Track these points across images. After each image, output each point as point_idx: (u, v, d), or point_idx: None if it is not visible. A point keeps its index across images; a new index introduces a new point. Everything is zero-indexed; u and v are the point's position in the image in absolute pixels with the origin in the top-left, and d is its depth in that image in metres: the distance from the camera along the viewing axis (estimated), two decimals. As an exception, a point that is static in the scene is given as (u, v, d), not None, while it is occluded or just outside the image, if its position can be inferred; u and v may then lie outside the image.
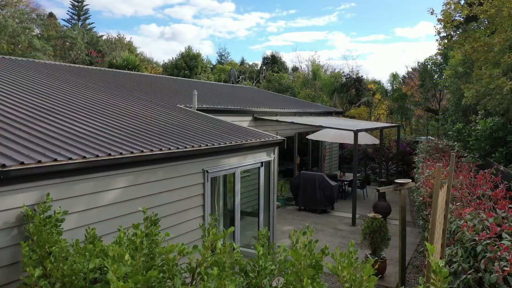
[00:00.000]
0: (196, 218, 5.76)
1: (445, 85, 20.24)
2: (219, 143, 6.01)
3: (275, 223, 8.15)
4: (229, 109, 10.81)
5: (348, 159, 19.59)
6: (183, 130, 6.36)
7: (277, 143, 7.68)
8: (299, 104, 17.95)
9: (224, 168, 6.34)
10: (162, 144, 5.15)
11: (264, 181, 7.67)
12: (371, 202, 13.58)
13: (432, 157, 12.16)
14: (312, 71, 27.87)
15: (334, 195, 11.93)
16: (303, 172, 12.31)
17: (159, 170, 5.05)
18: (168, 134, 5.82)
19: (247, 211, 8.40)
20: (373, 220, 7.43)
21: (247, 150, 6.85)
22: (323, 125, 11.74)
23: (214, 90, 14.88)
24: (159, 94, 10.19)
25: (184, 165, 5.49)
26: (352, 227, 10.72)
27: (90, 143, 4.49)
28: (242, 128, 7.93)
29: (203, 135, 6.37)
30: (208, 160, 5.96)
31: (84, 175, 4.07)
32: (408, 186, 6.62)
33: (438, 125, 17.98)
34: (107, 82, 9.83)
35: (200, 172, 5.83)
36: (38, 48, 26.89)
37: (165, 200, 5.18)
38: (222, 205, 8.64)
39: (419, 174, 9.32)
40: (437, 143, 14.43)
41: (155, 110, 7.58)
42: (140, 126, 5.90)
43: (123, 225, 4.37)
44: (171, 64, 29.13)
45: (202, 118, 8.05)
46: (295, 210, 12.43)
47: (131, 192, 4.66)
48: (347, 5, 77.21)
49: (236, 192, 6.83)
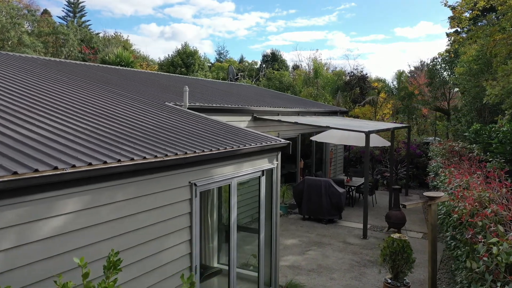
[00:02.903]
0: (180, 245, 4.59)
1: (455, 83, 19.09)
2: (211, 149, 4.85)
3: (278, 241, 6.99)
4: (226, 108, 9.65)
5: (354, 161, 18.43)
6: (167, 133, 5.19)
7: (280, 147, 6.52)
8: (301, 103, 16.79)
9: (217, 179, 5.18)
10: (136, 152, 3.99)
11: (265, 192, 6.51)
12: (382, 210, 12.44)
13: (450, 162, 11.00)
14: (314, 68, 26.70)
15: (342, 203, 10.78)
16: (308, 178, 11.15)
17: (129, 186, 3.89)
18: (146, 139, 4.65)
19: (246, 227, 7.25)
20: (395, 239, 6.26)
21: (245, 156, 5.69)
22: (329, 125, 10.58)
23: (209, 87, 13.71)
24: (147, 90, 9.02)
25: (165, 178, 4.33)
26: (363, 240, 9.55)
27: (33, 151, 3.32)
28: (239, 130, 6.76)
29: (192, 139, 5.21)
30: (197, 171, 4.80)
31: (13, 198, 2.90)
32: (441, 200, 5.46)
33: (450, 125, 16.80)
34: (85, 76, 8.65)
35: (187, 185, 4.67)
36: (28, 44, 25.70)
37: (138, 224, 4.02)
38: (216, 219, 7.49)
39: (443, 183, 8.15)
40: (451, 145, 13.28)
41: (136, 109, 6.40)
42: (112, 129, 4.74)
43: (66, 267, 3.24)
44: (166, 61, 27.93)
45: (192, 118, 6.89)
46: (298, 219, 11.28)
47: (86, 218, 3.50)
48: (347, 5, 76.46)
49: (232, 206, 5.67)
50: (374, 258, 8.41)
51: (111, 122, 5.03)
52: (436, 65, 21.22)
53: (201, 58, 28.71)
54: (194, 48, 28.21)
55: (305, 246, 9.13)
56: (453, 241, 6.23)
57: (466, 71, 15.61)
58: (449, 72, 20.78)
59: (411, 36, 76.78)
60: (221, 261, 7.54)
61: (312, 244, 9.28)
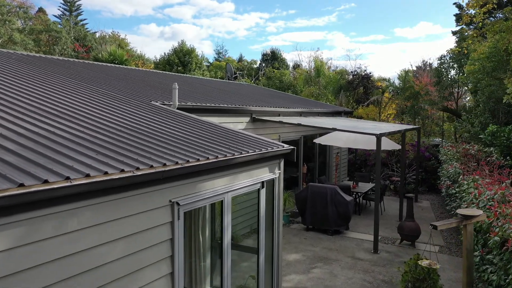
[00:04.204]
0: (158, 281, 3.62)
1: (465, 82, 18.14)
2: (198, 158, 3.88)
3: (281, 261, 6.02)
4: (222, 108, 8.67)
5: (358, 164, 17.46)
6: (144, 139, 4.22)
7: (283, 154, 5.56)
8: (304, 102, 15.82)
9: (207, 195, 4.21)
10: (95, 165, 3.02)
11: (266, 206, 5.54)
12: (391, 219, 11.47)
13: (468, 167, 10.05)
14: (316, 67, 25.71)
15: (349, 213, 9.80)
16: (312, 185, 10.17)
17: (84, 211, 2.92)
18: (115, 146, 3.68)
19: (243, 246, 6.29)
20: (418, 263, 5.29)
21: (241, 166, 4.72)
22: (336, 127, 9.61)
23: (205, 85, 12.74)
24: (133, 88, 8.05)
25: (137, 198, 3.36)
26: (375, 255, 8.58)
27: None
28: (236, 133, 5.79)
29: (176, 145, 4.24)
30: (180, 186, 3.83)
31: None
32: (478, 219, 4.48)
33: (461, 126, 15.83)
34: (61, 73, 7.67)
35: (167, 205, 3.70)
36: (18, 42, 24.70)
37: (98, 260, 3.04)
38: (209, 235, 6.51)
39: (466, 193, 7.18)
40: (465, 148, 12.32)
41: (111, 108, 5.42)
42: (68, 132, 3.76)
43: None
44: (162, 60, 26.91)
45: (180, 119, 5.91)
46: (301, 230, 10.30)
47: (21, 258, 2.52)
48: (347, 5, 75.62)
49: (226, 226, 4.69)
50: (388, 277, 7.44)
51: (69, 124, 4.03)
52: (444, 63, 20.25)
53: (199, 56, 27.69)
54: (191, 46, 27.21)
55: (310, 262, 8.16)
56: (488, 266, 5.26)
57: (479, 69, 14.65)
58: (458, 71, 19.81)
59: (410, 37, 76.09)
60: (215, 282, 6.57)
61: (318, 259, 8.31)
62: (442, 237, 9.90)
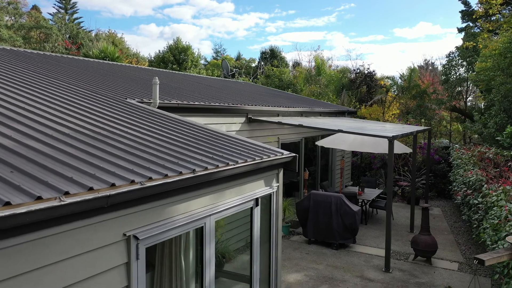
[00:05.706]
0: None
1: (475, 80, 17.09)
2: (166, 173, 2.83)
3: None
4: (212, 107, 7.62)
5: (363, 168, 16.41)
6: (95, 147, 3.16)
7: (283, 163, 4.51)
8: (305, 102, 14.77)
9: (180, 221, 3.17)
10: (5, 193, 1.97)
11: (261, 226, 4.49)
12: (401, 229, 10.42)
13: (489, 172, 9.01)
14: (316, 65, 24.65)
15: (356, 225, 8.76)
16: (314, 193, 9.13)
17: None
18: (46, 156, 2.63)
19: (236, 273, 5.24)
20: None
21: (228, 181, 3.68)
22: (342, 129, 8.56)
23: (197, 83, 11.69)
24: (110, 85, 7.00)
25: (71, 234, 2.32)
26: (387, 275, 7.54)
27: None
28: (224, 137, 4.74)
29: (141, 155, 3.19)
30: (139, 213, 2.78)
31: None
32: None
33: (474, 127, 14.78)
34: (29, 68, 6.61)
35: (120, 240, 2.65)
36: (5, 38, 23.65)
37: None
38: (193, 259, 5.46)
39: (497, 206, 6.13)
40: (481, 152, 11.28)
41: (72, 107, 4.37)
42: None
43: None
44: (157, 58, 25.83)
45: (158, 120, 4.86)
46: (303, 243, 9.26)
47: None
48: (346, 6, 74.66)
49: (208, 261, 3.65)
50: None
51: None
52: (452, 60, 19.22)
53: (195, 54, 26.59)
54: (187, 43, 26.11)
55: (313, 284, 7.11)
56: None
57: (493, 66, 13.61)
58: (467, 68, 18.77)
59: (410, 37, 75.07)
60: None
61: (322, 280, 7.26)
62: (460, 251, 8.86)
